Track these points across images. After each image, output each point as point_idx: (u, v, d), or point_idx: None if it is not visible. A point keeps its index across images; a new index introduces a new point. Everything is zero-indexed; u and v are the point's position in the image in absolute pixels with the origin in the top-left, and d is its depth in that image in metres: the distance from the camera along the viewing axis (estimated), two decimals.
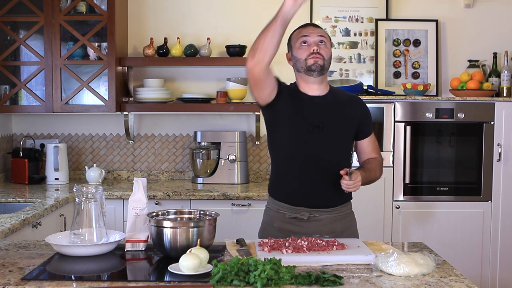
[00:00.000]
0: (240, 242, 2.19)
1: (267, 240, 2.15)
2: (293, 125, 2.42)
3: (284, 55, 2.52)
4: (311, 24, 2.50)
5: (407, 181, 3.81)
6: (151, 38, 4.09)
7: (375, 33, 4.20)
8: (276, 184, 2.54)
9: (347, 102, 2.52)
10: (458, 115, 3.83)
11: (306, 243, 2.08)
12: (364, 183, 2.41)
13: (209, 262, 1.87)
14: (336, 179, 2.37)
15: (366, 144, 2.55)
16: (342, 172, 2.32)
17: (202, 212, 2.25)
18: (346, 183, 2.32)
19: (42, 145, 4.17)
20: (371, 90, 4.00)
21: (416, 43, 4.23)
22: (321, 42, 2.42)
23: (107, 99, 3.91)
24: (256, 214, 3.54)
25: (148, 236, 2.14)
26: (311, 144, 2.41)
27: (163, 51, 4.08)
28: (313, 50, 2.39)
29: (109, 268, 1.99)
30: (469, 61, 4.19)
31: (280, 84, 2.43)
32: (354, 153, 2.63)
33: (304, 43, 2.42)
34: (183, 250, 1.93)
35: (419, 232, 3.81)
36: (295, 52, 2.45)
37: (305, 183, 2.44)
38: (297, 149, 2.43)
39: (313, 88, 2.45)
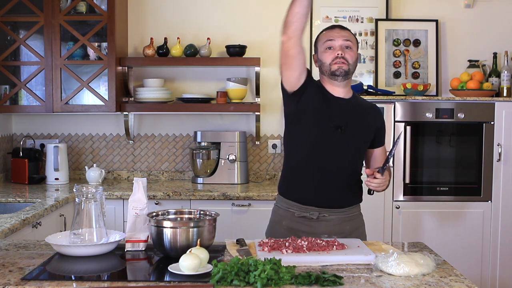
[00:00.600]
0: (240, 242, 2.19)
1: (267, 240, 2.15)
2: (318, 122, 2.42)
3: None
4: (338, 26, 2.48)
5: (407, 181, 3.81)
6: (151, 38, 4.09)
7: (375, 33, 4.20)
8: (288, 182, 2.53)
9: (368, 109, 2.55)
10: (458, 115, 3.83)
11: (306, 243, 2.08)
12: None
13: (209, 262, 1.87)
14: (349, 180, 2.43)
15: (379, 154, 2.58)
16: (368, 171, 2.37)
17: (202, 212, 2.25)
18: (378, 182, 2.36)
19: (42, 145, 4.17)
20: (371, 90, 4.00)
21: (416, 43, 4.22)
22: (347, 47, 2.41)
23: (107, 99, 3.91)
24: (256, 214, 3.57)
25: (148, 236, 2.14)
26: (331, 144, 2.42)
27: (163, 51, 4.07)
28: (338, 54, 2.39)
29: (109, 268, 1.99)
30: (469, 61, 4.19)
31: (310, 75, 2.43)
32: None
33: (329, 47, 2.41)
34: (183, 250, 1.93)
35: (419, 232, 3.81)
36: (320, 56, 2.44)
37: (319, 182, 2.45)
38: (318, 146, 2.43)
39: (338, 90, 2.46)
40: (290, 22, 2.25)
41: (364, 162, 2.63)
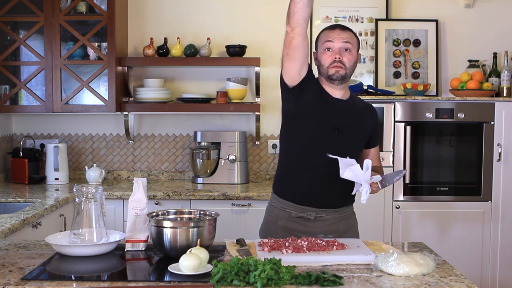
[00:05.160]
0: (240, 242, 2.19)
1: (267, 240, 2.15)
2: (316, 123, 2.41)
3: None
4: (339, 26, 2.43)
5: (407, 181, 3.81)
6: (151, 38, 4.09)
7: (375, 33, 4.20)
8: (284, 182, 2.53)
9: (364, 110, 2.55)
10: (458, 115, 3.83)
11: (306, 243, 2.08)
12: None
13: (209, 262, 1.87)
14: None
15: (372, 154, 2.58)
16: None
17: (202, 212, 2.25)
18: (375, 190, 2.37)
19: (42, 145, 4.17)
20: (371, 90, 4.00)
21: (416, 43, 4.22)
22: (346, 50, 2.39)
23: (107, 99, 3.91)
24: (256, 214, 3.55)
25: (148, 236, 2.14)
26: (329, 146, 2.40)
27: (163, 51, 4.08)
28: (336, 58, 2.38)
29: (109, 268, 1.99)
30: (469, 61, 4.19)
31: (310, 71, 2.41)
32: None
33: (328, 49, 2.40)
34: (183, 250, 1.93)
35: (419, 232, 3.81)
36: (319, 55, 2.43)
37: (316, 183, 2.45)
38: (315, 148, 2.42)
39: (336, 92, 2.46)
40: (293, 12, 2.24)
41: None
